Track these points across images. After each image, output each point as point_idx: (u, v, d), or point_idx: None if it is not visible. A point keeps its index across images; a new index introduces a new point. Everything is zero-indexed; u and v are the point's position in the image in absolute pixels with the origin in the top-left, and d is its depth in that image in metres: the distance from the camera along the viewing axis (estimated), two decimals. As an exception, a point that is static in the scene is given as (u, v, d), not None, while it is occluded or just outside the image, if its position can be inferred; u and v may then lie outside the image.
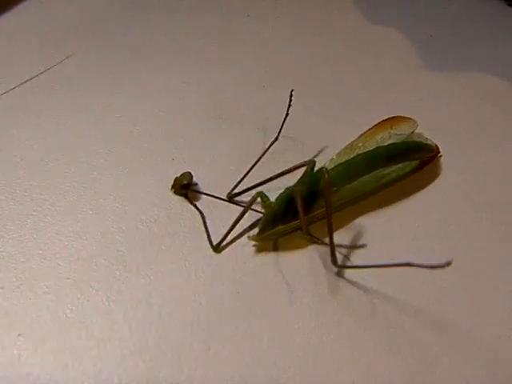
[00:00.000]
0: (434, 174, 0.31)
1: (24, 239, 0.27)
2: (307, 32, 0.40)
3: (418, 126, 0.31)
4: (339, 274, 0.26)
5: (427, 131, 0.31)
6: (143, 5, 0.42)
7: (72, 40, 0.38)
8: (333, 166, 0.29)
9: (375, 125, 0.31)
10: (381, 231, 0.28)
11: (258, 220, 0.27)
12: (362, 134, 0.31)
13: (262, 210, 0.27)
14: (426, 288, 0.26)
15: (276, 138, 0.31)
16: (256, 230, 0.27)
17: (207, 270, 0.26)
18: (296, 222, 0.27)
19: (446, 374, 0.23)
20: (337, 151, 0.30)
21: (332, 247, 0.25)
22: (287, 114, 0.31)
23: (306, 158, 0.28)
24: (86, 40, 0.38)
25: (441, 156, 0.31)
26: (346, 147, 0.30)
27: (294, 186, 0.27)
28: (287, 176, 0.28)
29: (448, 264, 0.22)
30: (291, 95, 0.31)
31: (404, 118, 0.31)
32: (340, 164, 0.29)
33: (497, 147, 0.32)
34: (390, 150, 0.29)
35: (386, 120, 0.31)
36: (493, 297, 0.25)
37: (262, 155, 0.30)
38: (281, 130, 0.31)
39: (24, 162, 0.30)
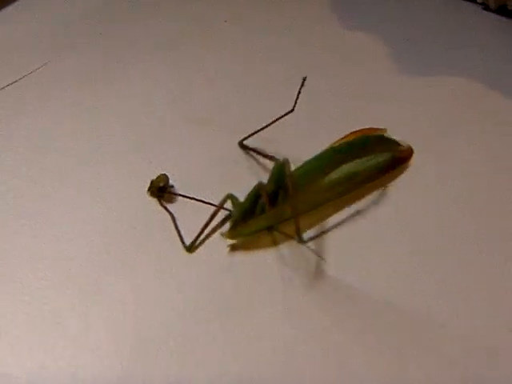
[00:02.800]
0: (406, 177, 0.31)
1: (0, 243, 0.27)
2: (283, 38, 0.40)
3: (387, 132, 0.31)
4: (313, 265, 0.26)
5: (402, 134, 0.31)
6: (118, 11, 0.42)
7: (46, 47, 0.39)
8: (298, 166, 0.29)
9: (345, 135, 0.31)
10: (353, 230, 0.28)
11: (228, 216, 0.28)
12: (331, 145, 0.31)
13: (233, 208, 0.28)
14: (405, 287, 0.26)
15: (292, 110, 0.31)
16: (227, 227, 0.28)
17: (182, 270, 0.26)
18: (265, 215, 0.27)
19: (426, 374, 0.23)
20: (309, 153, 0.30)
21: (297, 225, 0.27)
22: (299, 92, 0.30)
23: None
24: (60, 48, 0.39)
25: (412, 154, 0.31)
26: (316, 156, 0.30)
27: (261, 185, 0.27)
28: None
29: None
30: (304, 79, 0.30)
31: (375, 129, 0.32)
32: (306, 162, 0.29)
33: (472, 150, 0.32)
34: (352, 143, 0.30)
35: (356, 131, 0.31)
36: (474, 294, 0.26)
37: (276, 120, 0.31)
38: (296, 101, 0.30)
39: None
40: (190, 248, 0.27)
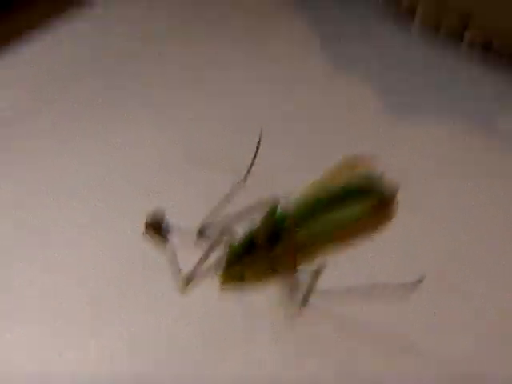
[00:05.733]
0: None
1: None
2: (276, 79, 0.41)
3: (380, 166, 0.32)
4: (303, 310, 0.27)
5: (389, 173, 0.32)
6: (115, 53, 0.43)
7: (45, 88, 0.40)
8: (293, 206, 0.30)
9: (338, 164, 0.32)
10: (340, 270, 0.29)
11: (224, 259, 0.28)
12: (324, 173, 0.32)
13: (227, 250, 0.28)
14: (386, 317, 0.27)
15: (244, 180, 0.32)
16: (221, 270, 0.28)
17: (175, 309, 0.27)
18: (259, 260, 0.28)
19: None
20: (300, 190, 0.31)
21: (294, 286, 0.27)
22: (252, 163, 0.32)
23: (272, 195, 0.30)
24: (58, 88, 0.40)
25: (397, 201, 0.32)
26: (309, 186, 0.31)
27: (257, 226, 0.28)
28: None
29: (420, 281, 0.22)
30: (258, 143, 0.32)
31: (367, 158, 0.32)
32: (298, 205, 0.30)
33: (458, 188, 0.33)
34: (345, 188, 0.30)
35: (349, 160, 0.32)
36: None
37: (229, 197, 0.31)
38: (247, 174, 0.32)
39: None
40: (184, 288, 0.27)
